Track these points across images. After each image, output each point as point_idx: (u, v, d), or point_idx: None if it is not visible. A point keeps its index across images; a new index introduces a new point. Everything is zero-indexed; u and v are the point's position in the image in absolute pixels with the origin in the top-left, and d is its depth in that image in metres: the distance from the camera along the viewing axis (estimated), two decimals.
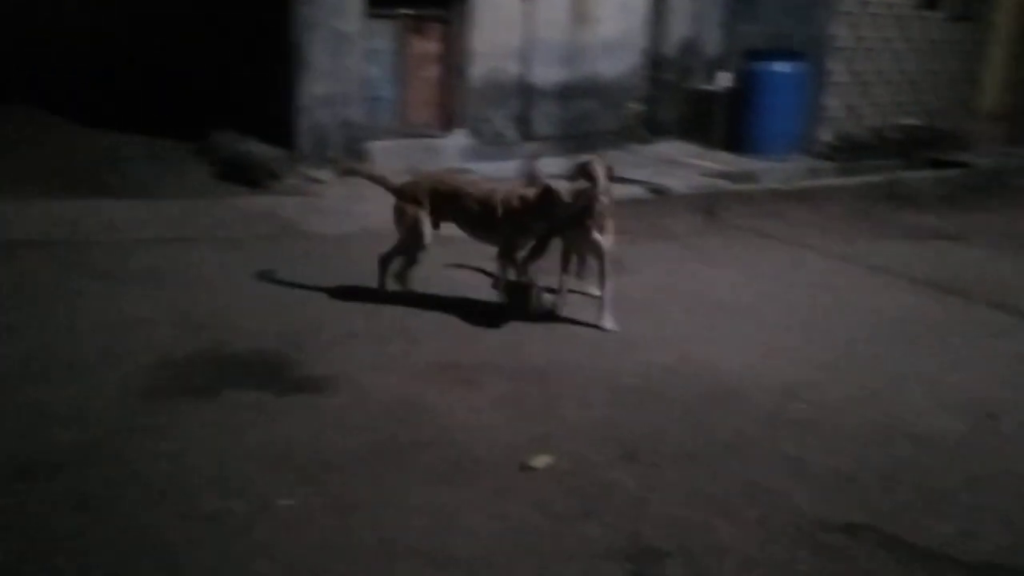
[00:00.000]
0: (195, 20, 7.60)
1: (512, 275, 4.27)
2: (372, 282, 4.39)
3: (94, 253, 4.73)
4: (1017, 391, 3.75)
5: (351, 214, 5.61)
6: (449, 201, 4.22)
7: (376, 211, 5.67)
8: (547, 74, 7.65)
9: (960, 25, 9.34)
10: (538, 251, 4.22)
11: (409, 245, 4.27)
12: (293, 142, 6.57)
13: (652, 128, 8.45)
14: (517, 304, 4.22)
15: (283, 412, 3.16)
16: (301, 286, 4.40)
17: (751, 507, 2.74)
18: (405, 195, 4.29)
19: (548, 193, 4.05)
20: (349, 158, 6.68)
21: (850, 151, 8.52)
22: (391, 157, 6.89)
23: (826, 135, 8.50)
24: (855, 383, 3.72)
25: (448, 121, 7.31)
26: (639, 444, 3.09)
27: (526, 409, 3.31)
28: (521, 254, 4.22)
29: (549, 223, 4.09)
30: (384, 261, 4.35)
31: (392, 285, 4.35)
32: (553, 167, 7.18)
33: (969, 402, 3.60)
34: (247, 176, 6.17)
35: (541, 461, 2.90)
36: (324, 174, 6.34)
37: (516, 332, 4.04)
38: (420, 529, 2.53)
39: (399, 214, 4.28)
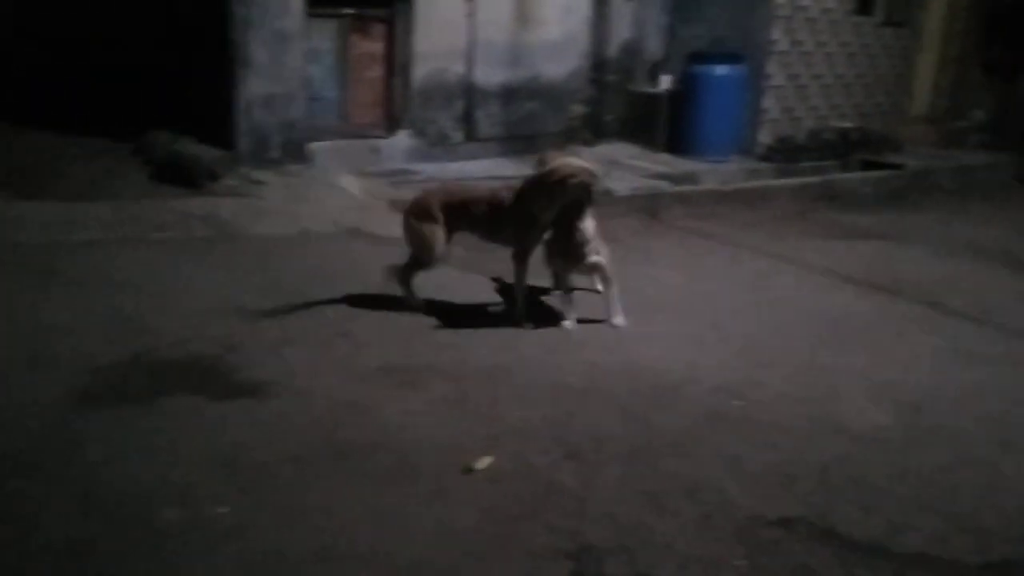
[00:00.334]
0: (133, 18, 7.42)
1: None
2: (313, 284, 4.35)
3: (26, 256, 4.59)
4: (944, 386, 3.87)
5: (291, 215, 5.54)
6: (461, 210, 4.21)
7: (317, 213, 5.64)
8: (491, 75, 7.66)
9: (892, 30, 9.60)
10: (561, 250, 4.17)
11: (420, 258, 4.25)
12: (233, 142, 6.46)
13: (595, 130, 8.52)
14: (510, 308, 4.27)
15: (220, 417, 3.10)
16: (239, 289, 4.33)
17: (690, 504, 2.78)
18: (414, 210, 4.27)
19: (551, 172, 4.01)
20: (289, 159, 6.61)
21: (788, 153, 8.70)
22: (334, 158, 6.83)
23: (765, 137, 8.66)
24: (791, 380, 3.80)
25: (392, 122, 7.26)
26: (581, 444, 3.10)
27: (469, 411, 3.30)
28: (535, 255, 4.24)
29: (551, 204, 4.04)
30: (401, 277, 4.29)
31: (412, 297, 4.29)
32: (497, 169, 7.21)
33: (899, 397, 3.70)
34: (185, 177, 6.04)
35: (483, 463, 2.90)
36: (264, 175, 6.25)
37: (461, 333, 4.03)
38: (360, 533, 2.51)
39: (409, 229, 4.25)
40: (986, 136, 11.29)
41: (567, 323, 4.18)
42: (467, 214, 4.22)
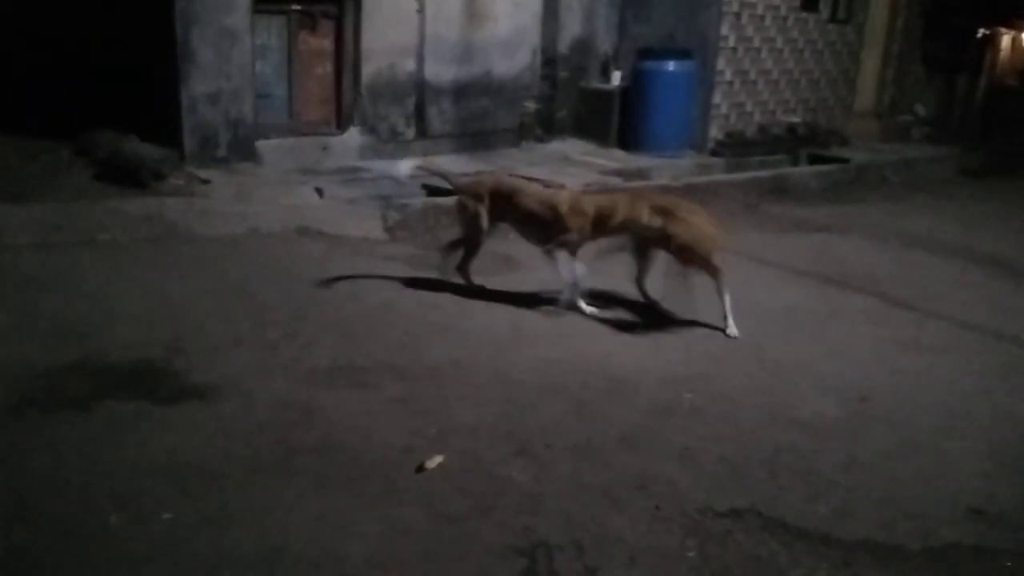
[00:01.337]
0: (74, 14, 7.22)
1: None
2: (262, 285, 4.28)
3: None
4: (890, 375, 3.95)
5: (239, 215, 5.44)
6: (508, 200, 4.39)
7: (265, 212, 5.55)
8: (442, 72, 7.62)
9: (836, 27, 9.78)
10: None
11: (470, 237, 4.47)
12: (179, 141, 6.34)
13: (548, 126, 8.53)
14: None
15: (164, 422, 3.03)
16: (185, 291, 4.24)
17: (641, 497, 2.80)
18: (467, 191, 4.49)
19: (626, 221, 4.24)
20: (237, 157, 6.50)
21: (738, 148, 8.81)
22: (283, 156, 6.74)
23: (715, 132, 8.76)
24: (741, 372, 3.84)
25: (342, 119, 7.19)
26: (533, 440, 3.10)
27: (420, 409, 3.28)
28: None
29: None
30: (445, 252, 4.58)
31: (453, 277, 4.54)
32: (450, 165, 7.18)
33: (846, 387, 3.77)
34: (129, 176, 5.90)
35: (434, 461, 2.88)
36: (211, 174, 6.14)
37: (411, 332, 4.00)
38: (309, 537, 2.48)
39: (461, 208, 4.48)
40: (929, 130, 11.56)
41: (731, 331, 4.24)
42: (513, 204, 4.40)
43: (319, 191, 6.12)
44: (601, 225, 4.28)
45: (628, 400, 3.48)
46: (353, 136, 7.20)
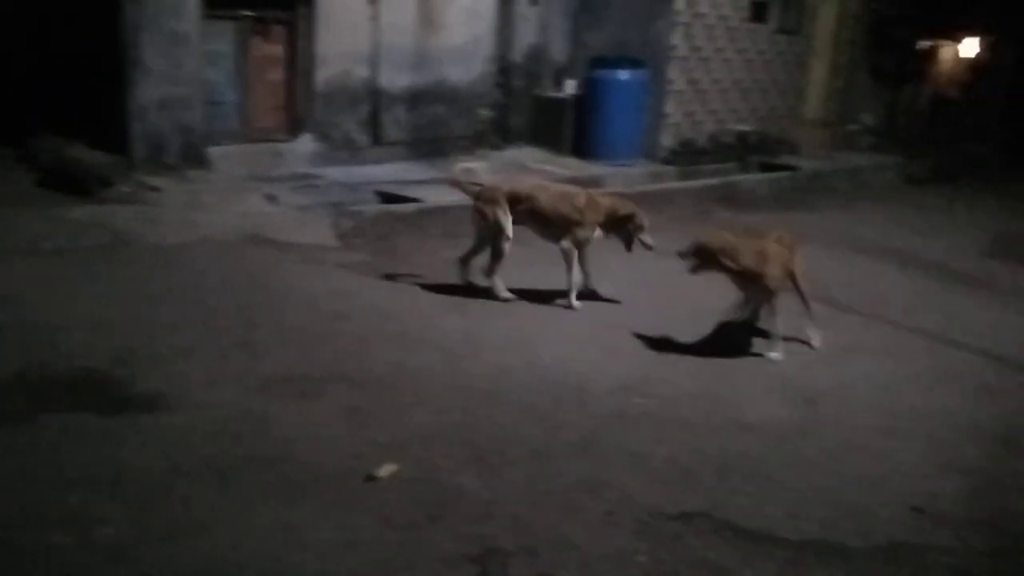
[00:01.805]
0: (19, 17, 7.05)
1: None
2: (211, 293, 4.21)
3: None
4: (836, 378, 4.03)
5: (189, 223, 5.36)
6: (525, 202, 4.60)
7: (216, 219, 5.48)
8: (396, 79, 7.60)
9: (785, 38, 9.97)
10: None
11: (495, 240, 4.55)
12: (126, 148, 6.22)
13: (503, 134, 8.55)
14: None
15: (109, 434, 2.97)
16: (133, 300, 4.16)
17: (594, 502, 2.81)
18: (483, 197, 4.61)
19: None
20: (187, 164, 6.40)
21: (689, 156, 8.93)
22: (235, 163, 6.66)
23: (667, 140, 8.86)
24: (692, 378, 3.89)
25: (295, 126, 7.12)
26: (487, 447, 3.10)
27: (372, 418, 3.25)
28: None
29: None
30: (464, 260, 4.66)
31: (480, 281, 4.62)
32: (405, 173, 7.17)
33: (794, 390, 3.84)
34: (74, 183, 5.78)
35: (386, 470, 2.86)
36: (161, 181, 6.04)
37: (364, 340, 3.98)
38: (258, 549, 2.44)
39: (480, 215, 4.60)
40: (875, 139, 11.83)
41: (814, 340, 4.39)
42: (530, 205, 4.59)
43: (271, 198, 6.06)
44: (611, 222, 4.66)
45: (580, 406, 3.50)
46: (306, 143, 7.14)
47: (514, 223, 4.62)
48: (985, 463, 3.35)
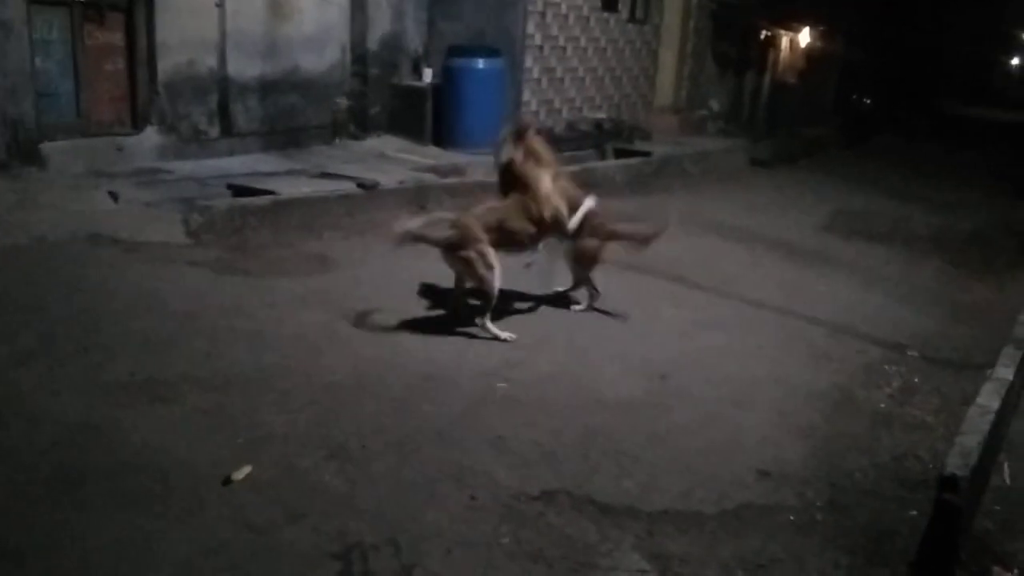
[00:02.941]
0: None
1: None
2: (49, 297, 3.95)
3: None
4: (688, 354, 4.21)
5: (21, 224, 4.99)
6: (497, 229, 4.16)
7: (52, 219, 5.13)
8: (246, 68, 7.33)
9: (635, 27, 10.28)
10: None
11: (485, 291, 4.12)
12: None
13: (361, 123, 8.42)
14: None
15: None
16: None
17: (457, 489, 2.83)
18: (460, 244, 4.06)
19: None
20: (18, 162, 5.96)
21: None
22: (72, 159, 6.25)
23: None
24: (552, 361, 3.97)
25: (138, 118, 6.75)
26: (348, 441, 3.06)
27: (227, 421, 3.14)
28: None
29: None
30: (481, 322, 4.17)
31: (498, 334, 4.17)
32: (259, 164, 6.94)
33: (649, 368, 3.98)
34: None
35: (241, 472, 2.77)
36: None
37: (217, 340, 3.82)
38: (109, 564, 2.32)
39: (465, 265, 4.09)
40: (723, 124, 12.42)
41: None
42: (504, 229, 4.21)
43: (113, 195, 5.72)
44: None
45: (444, 394, 3.51)
46: (151, 136, 6.78)
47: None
48: (823, 426, 3.59)
